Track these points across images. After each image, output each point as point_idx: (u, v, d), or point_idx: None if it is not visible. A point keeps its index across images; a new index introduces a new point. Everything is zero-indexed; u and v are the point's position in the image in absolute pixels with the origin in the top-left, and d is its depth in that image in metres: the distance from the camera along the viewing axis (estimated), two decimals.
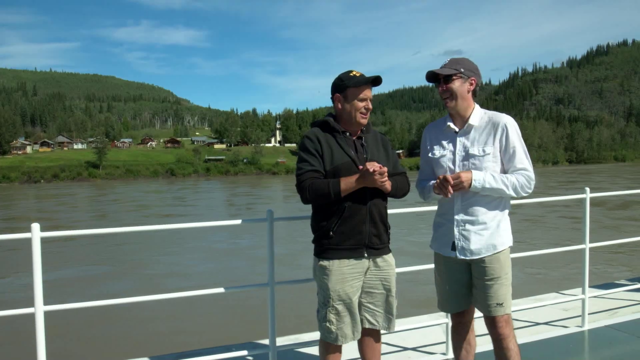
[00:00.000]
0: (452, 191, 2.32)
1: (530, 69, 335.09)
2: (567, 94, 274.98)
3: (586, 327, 3.66)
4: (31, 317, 2.41)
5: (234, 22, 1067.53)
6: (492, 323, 2.40)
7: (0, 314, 2.46)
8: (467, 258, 2.39)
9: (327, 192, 2.30)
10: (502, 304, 2.36)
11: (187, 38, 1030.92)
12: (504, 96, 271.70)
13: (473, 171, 2.33)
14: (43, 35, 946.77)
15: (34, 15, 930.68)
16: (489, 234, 2.37)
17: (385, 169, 2.29)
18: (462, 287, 2.50)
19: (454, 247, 2.42)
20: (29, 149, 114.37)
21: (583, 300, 3.68)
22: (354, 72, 2.43)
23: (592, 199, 3.63)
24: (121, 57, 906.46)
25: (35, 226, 2.40)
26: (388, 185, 2.36)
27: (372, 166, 2.26)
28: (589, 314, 3.72)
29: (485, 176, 2.32)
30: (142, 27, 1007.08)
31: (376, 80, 2.42)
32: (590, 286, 3.87)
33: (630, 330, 3.60)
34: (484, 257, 2.38)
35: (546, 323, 3.78)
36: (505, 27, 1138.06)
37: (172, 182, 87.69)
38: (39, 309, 2.40)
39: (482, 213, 2.38)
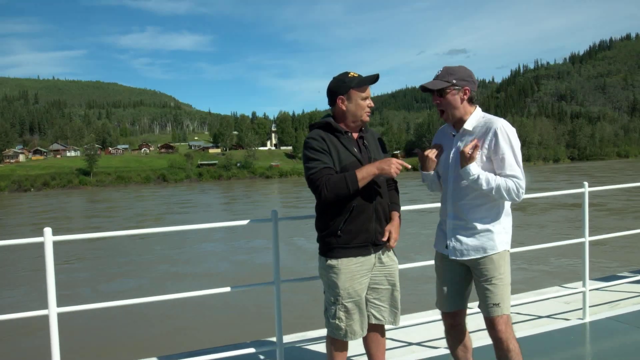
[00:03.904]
0: (429, 155, 2.51)
1: (532, 65, 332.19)
2: (569, 90, 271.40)
3: (587, 319, 3.69)
4: (45, 319, 2.48)
5: (238, 26, 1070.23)
6: (491, 325, 2.41)
7: (15, 316, 2.52)
8: (457, 259, 2.46)
9: (345, 184, 2.31)
10: (498, 304, 2.37)
11: (192, 43, 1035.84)
12: (505, 94, 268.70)
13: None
14: (50, 44, 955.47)
15: (40, 24, 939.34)
16: (479, 237, 2.41)
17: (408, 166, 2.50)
18: (457, 287, 2.54)
19: (447, 247, 2.52)
20: (21, 157, 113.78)
21: (584, 293, 3.72)
22: (352, 74, 2.49)
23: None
24: (127, 63, 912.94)
25: (48, 230, 2.43)
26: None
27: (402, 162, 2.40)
28: (590, 306, 3.76)
29: (480, 171, 2.38)
30: (147, 34, 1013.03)
31: (376, 79, 2.51)
32: (591, 279, 3.95)
33: (631, 321, 3.64)
34: (476, 258, 2.41)
35: (548, 316, 3.83)
36: (509, 25, 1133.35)
37: (162, 188, 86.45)
38: (53, 310, 2.46)
39: (471, 216, 2.42)
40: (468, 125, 2.44)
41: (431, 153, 2.54)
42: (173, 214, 38.58)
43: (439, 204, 2.81)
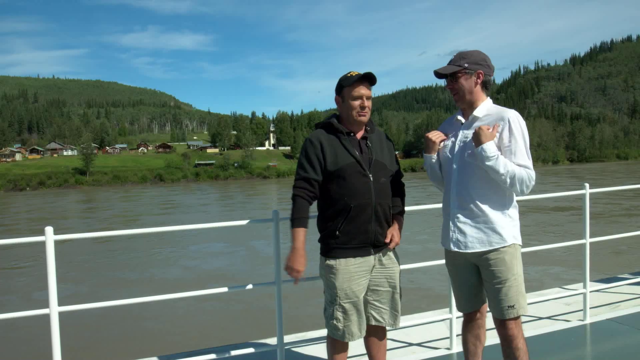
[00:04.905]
0: (429, 136, 2.47)
1: (532, 67, 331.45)
2: (569, 91, 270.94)
3: (588, 320, 3.71)
4: (46, 318, 2.48)
5: (240, 26, 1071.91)
6: (502, 324, 2.36)
7: (16, 315, 2.53)
8: (461, 251, 2.37)
9: (292, 216, 2.41)
10: (513, 306, 2.30)
11: (194, 42, 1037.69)
12: (505, 95, 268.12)
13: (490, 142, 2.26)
14: (50, 43, 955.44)
15: (41, 22, 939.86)
16: (485, 228, 2.32)
17: None
18: (471, 289, 2.49)
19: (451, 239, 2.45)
20: (18, 156, 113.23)
21: (584, 295, 3.74)
22: (352, 73, 2.47)
23: None
24: (128, 63, 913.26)
25: (49, 229, 2.43)
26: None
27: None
28: (590, 308, 3.77)
29: (498, 151, 2.26)
30: (148, 33, 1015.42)
31: (369, 78, 2.43)
32: (592, 280, 3.94)
33: (632, 323, 3.65)
34: (484, 254, 2.32)
35: (549, 317, 3.84)
36: (510, 26, 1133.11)
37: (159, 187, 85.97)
38: (54, 309, 2.46)
39: (476, 206, 2.33)
40: (479, 112, 2.36)
41: (432, 135, 2.47)
42: (150, 215, 37.32)
43: (427, 206, 2.70)
